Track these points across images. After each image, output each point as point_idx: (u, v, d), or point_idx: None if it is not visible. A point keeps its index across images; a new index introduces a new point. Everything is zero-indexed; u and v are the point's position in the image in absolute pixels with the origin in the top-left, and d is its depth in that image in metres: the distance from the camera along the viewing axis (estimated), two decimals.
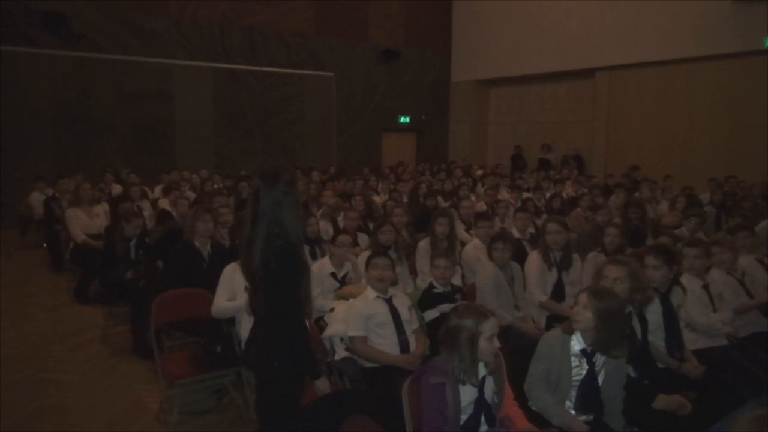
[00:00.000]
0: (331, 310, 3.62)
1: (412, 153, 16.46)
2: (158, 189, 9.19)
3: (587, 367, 2.59)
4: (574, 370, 2.60)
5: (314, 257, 4.87)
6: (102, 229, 6.51)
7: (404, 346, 3.28)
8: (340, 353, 3.33)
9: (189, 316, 3.83)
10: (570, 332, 2.63)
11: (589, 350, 2.60)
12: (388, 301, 3.36)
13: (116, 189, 8.82)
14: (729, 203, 7.73)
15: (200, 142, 12.61)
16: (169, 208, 7.19)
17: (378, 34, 15.18)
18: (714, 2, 11.07)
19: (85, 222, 6.43)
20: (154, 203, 8.20)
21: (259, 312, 2.39)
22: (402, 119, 15.94)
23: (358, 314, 3.29)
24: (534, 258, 4.46)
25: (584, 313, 2.56)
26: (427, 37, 16.09)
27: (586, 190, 9.07)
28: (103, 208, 6.97)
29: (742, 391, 3.12)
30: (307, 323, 2.47)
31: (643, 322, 3.12)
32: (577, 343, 2.62)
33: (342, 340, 3.35)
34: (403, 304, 3.41)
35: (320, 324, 3.75)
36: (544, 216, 6.87)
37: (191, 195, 8.58)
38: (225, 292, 3.65)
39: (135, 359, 4.72)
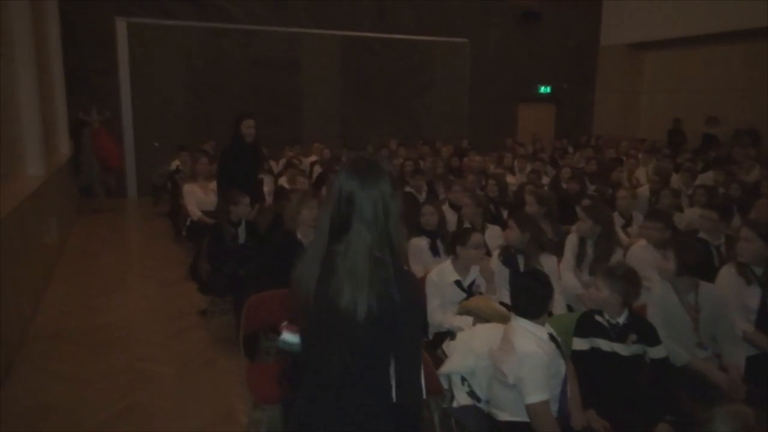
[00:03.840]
0: (452, 338, 2.81)
1: (551, 125, 14.99)
2: (282, 163, 8.93)
3: None
4: None
5: (436, 254, 4.11)
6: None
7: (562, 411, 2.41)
8: (461, 398, 2.53)
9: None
10: None
11: None
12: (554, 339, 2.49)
13: None
14: None
15: (327, 111, 12.26)
16: (287, 186, 6.81)
17: None
18: None
19: (200, 197, 6.18)
20: (277, 178, 7.88)
21: (339, 378, 1.60)
22: (542, 89, 14.49)
23: (542, 365, 2.35)
24: (727, 273, 3.35)
25: None
26: None
27: None
28: None
29: None
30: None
31: None
32: None
33: (464, 380, 2.55)
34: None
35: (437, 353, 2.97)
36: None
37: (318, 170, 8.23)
38: None
39: (237, 352, 4.30)
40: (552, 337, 2.48)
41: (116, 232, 8.36)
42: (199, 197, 6.17)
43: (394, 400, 1.60)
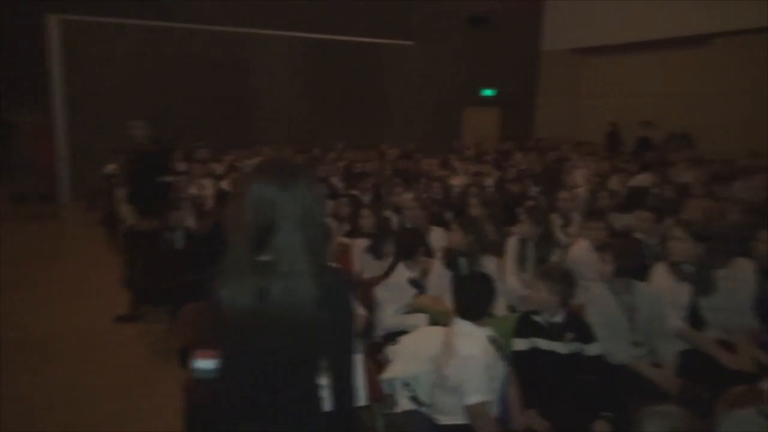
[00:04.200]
0: (393, 342, 2.78)
1: (496, 129, 15.28)
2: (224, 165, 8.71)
3: None
4: None
5: (376, 257, 4.08)
6: None
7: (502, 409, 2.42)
8: (403, 404, 2.51)
9: None
10: None
11: None
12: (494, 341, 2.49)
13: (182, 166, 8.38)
14: None
15: (279, 114, 12.09)
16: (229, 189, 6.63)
17: None
18: None
19: None
20: (218, 181, 7.67)
21: (277, 391, 1.55)
22: (487, 92, 14.75)
23: (482, 367, 2.37)
24: (659, 271, 3.46)
25: None
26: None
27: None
28: None
29: None
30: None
31: None
32: None
33: (406, 385, 2.53)
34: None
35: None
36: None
37: None
38: None
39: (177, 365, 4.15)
40: (492, 339, 2.49)
41: (50, 241, 7.96)
42: None
43: (329, 407, 1.57)
